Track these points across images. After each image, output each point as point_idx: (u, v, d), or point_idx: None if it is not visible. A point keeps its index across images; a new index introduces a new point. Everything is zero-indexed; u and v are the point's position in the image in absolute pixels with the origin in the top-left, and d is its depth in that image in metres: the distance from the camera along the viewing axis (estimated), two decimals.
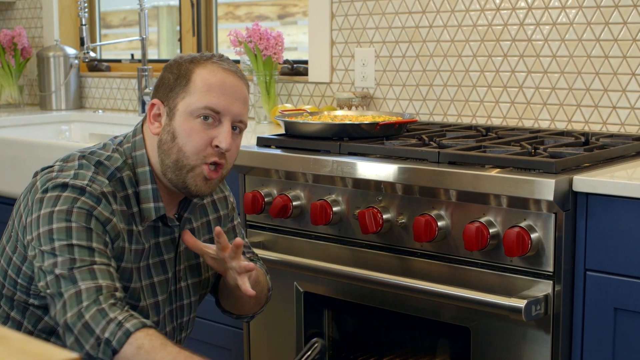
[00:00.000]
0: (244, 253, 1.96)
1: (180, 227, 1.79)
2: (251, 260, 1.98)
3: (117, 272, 1.65)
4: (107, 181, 1.67)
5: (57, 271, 1.58)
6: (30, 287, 1.70)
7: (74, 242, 1.59)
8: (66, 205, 1.61)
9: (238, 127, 1.75)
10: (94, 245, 1.60)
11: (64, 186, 1.63)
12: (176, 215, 1.81)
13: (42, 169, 1.72)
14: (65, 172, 1.67)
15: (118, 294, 1.58)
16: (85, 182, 1.64)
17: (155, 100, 1.73)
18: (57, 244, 1.59)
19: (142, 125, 1.77)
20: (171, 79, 1.72)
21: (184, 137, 1.69)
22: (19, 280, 1.70)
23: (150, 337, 1.54)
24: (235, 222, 1.98)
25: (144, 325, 1.55)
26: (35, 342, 0.83)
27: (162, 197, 1.74)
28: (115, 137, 1.79)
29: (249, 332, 2.45)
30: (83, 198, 1.62)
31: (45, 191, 1.64)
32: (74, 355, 0.80)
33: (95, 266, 1.58)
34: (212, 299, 2.00)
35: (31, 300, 1.70)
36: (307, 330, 2.31)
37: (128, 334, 1.53)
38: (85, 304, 1.55)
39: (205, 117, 1.69)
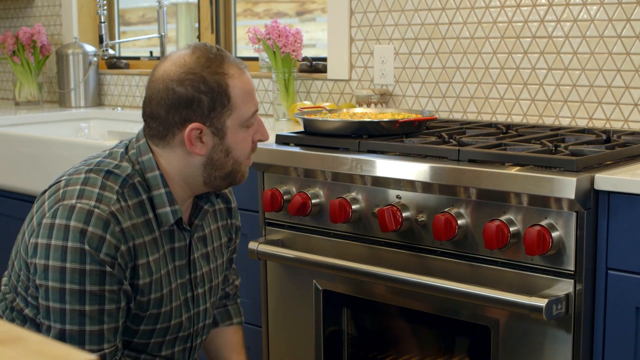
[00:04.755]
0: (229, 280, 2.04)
1: (190, 234, 1.79)
2: (227, 295, 2.06)
3: (128, 303, 1.68)
4: (114, 197, 1.64)
5: (67, 327, 1.61)
6: (37, 304, 1.67)
7: (87, 287, 1.60)
8: (77, 243, 1.59)
9: None
10: (107, 288, 1.61)
11: (71, 210, 1.60)
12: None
13: (50, 186, 1.69)
14: (72, 187, 1.64)
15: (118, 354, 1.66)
16: (93, 202, 1.61)
17: (197, 125, 1.67)
18: (68, 286, 1.60)
19: (144, 130, 1.74)
20: (206, 100, 1.67)
21: (238, 149, 1.73)
22: (28, 298, 1.68)
23: None
24: (238, 241, 2.01)
25: None
26: (54, 343, 0.83)
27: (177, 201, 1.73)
28: (120, 142, 1.77)
29: (267, 330, 2.44)
30: (90, 229, 1.59)
31: (54, 216, 1.61)
32: (92, 356, 0.79)
33: (104, 326, 1.62)
34: None
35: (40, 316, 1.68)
36: (326, 328, 2.31)
37: None
38: None
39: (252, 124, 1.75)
